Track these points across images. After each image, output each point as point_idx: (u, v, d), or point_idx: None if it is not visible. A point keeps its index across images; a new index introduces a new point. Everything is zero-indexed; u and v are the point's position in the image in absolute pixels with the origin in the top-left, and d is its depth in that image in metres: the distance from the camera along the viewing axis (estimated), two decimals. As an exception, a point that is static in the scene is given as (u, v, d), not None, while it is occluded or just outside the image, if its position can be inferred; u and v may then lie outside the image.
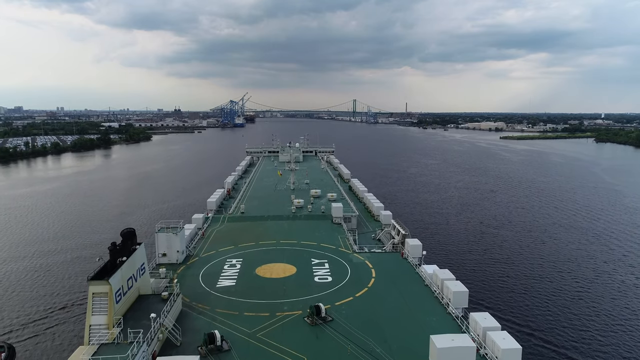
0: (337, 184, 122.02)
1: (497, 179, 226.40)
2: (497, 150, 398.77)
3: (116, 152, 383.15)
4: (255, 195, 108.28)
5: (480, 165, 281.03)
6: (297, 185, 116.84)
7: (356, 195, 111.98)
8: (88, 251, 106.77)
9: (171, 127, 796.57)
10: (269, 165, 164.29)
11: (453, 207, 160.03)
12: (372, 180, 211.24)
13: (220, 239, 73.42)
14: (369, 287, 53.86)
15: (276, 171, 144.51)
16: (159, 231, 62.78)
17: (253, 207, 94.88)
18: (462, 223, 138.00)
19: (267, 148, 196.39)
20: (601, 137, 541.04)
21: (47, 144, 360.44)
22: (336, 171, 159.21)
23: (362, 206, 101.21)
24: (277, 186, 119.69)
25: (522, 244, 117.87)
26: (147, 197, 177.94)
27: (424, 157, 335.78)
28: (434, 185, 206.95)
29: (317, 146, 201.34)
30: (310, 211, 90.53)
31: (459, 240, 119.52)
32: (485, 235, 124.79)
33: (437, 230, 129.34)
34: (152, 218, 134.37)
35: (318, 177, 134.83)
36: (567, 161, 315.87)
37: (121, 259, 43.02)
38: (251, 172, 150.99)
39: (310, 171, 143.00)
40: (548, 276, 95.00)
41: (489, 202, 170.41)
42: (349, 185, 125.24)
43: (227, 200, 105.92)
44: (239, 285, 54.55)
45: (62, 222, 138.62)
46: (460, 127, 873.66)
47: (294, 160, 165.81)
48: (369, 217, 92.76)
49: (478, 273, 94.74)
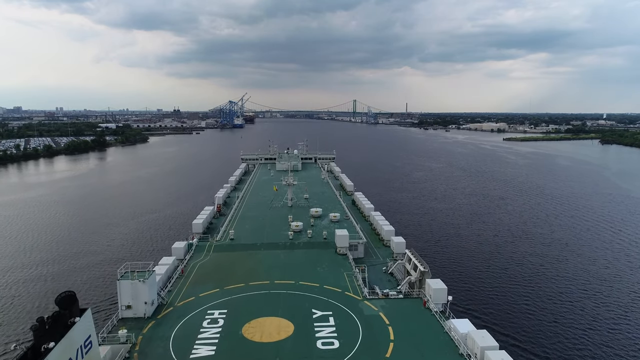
0: (339, 199, 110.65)
1: (505, 185, 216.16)
2: (502, 153, 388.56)
3: (111, 155, 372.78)
4: (247, 215, 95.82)
5: (486, 170, 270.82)
6: (295, 202, 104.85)
7: (361, 213, 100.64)
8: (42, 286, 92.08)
9: (169, 128, 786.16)
10: (265, 175, 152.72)
11: (463, 218, 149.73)
12: (375, 185, 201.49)
13: (203, 277, 60.77)
14: (387, 358, 42.15)
15: (272, 181, 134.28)
16: (123, 277, 49.87)
17: (244, 232, 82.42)
18: (474, 237, 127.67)
19: (264, 155, 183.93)
20: (606, 138, 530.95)
21: (39, 147, 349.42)
22: (337, 181, 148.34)
23: (369, 226, 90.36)
24: (272, 202, 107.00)
25: (553, 269, 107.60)
26: (133, 206, 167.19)
27: (428, 160, 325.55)
28: (441, 192, 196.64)
29: (316, 153, 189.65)
30: (311, 237, 78.30)
31: (476, 264, 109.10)
32: (503, 256, 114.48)
33: (448, 249, 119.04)
34: (130, 238, 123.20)
35: (318, 190, 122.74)
36: (575, 164, 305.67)
37: (47, 346, 29.87)
38: (246, 182, 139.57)
39: (309, 182, 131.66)
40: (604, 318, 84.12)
41: (501, 211, 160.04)
42: (352, 199, 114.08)
43: (216, 219, 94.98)
44: (219, 354, 42.51)
45: (34, 240, 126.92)
46: (461, 127, 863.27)
47: (292, 169, 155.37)
48: (376, 240, 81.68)
49: (504, 314, 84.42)
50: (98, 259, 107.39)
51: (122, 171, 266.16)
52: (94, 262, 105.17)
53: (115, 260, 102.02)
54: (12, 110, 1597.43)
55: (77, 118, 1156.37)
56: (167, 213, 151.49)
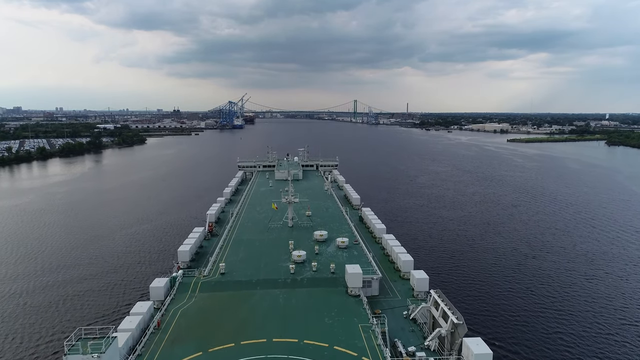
0: (345, 216, 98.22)
1: (516, 190, 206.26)
2: (508, 155, 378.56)
3: (106, 157, 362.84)
4: (242, 239, 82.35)
5: (494, 174, 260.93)
6: (296, 221, 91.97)
7: (371, 233, 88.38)
8: None
9: (168, 128, 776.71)
10: (263, 185, 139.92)
11: (475, 228, 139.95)
12: (379, 191, 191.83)
13: (184, 333, 47.95)
14: None
15: (271, 193, 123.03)
16: (71, 351, 37.52)
17: (237, 264, 68.53)
18: (490, 251, 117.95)
19: (262, 162, 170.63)
20: (613, 140, 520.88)
21: (32, 150, 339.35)
22: (341, 191, 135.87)
23: (380, 250, 78.27)
24: (270, 222, 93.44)
25: (586, 290, 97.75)
26: (119, 217, 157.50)
27: (432, 163, 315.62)
28: (449, 199, 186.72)
29: (318, 159, 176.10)
30: (315, 271, 65.17)
31: (497, 289, 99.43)
32: (526, 275, 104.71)
33: (462, 267, 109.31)
34: (105, 267, 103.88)
35: (322, 205, 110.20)
36: (585, 168, 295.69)
37: None
38: (242, 193, 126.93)
39: (311, 194, 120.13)
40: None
41: (516, 221, 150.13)
42: (360, 215, 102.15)
43: (208, 240, 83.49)
44: None
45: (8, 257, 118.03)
46: (463, 128, 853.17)
47: (293, 178, 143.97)
48: (391, 271, 68.85)
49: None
50: (55, 311, 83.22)
51: (115, 175, 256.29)
52: (48, 307, 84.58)
53: (76, 309, 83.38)
54: (11, 110, 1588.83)
55: (76, 118, 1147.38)
56: (152, 231, 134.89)
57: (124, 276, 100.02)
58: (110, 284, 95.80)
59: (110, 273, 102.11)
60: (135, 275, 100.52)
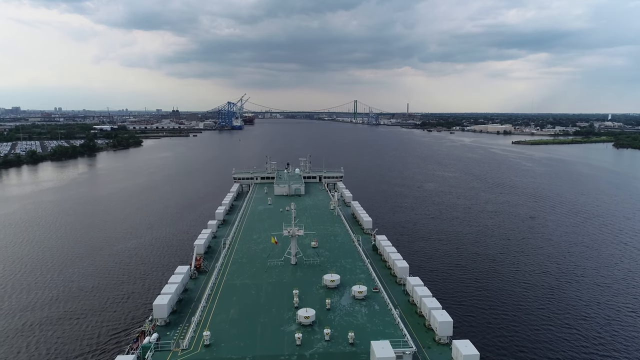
0: (358, 247, 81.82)
1: (530, 199, 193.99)
2: (515, 158, 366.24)
3: (100, 161, 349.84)
4: (234, 284, 66.05)
5: (505, 180, 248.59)
6: (301, 257, 74.80)
7: (389, 269, 71.98)
8: None
9: (166, 129, 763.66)
10: (261, 202, 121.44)
11: (495, 246, 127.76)
12: (386, 200, 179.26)
13: None
14: None
15: (269, 213, 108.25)
16: None
17: (227, 328, 52.97)
18: (515, 275, 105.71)
19: (259, 173, 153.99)
20: (620, 142, 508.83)
21: (22, 153, 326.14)
22: (348, 207, 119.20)
23: (403, 295, 62.98)
24: (269, 258, 76.39)
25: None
26: (102, 231, 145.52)
27: (439, 167, 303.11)
28: (461, 210, 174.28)
29: (322, 170, 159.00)
30: (329, 340, 49.49)
31: (525, 324, 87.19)
32: (562, 302, 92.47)
33: (487, 297, 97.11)
34: (64, 322, 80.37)
35: (329, 232, 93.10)
36: (598, 173, 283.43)
37: None
38: (237, 212, 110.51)
39: (316, 216, 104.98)
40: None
41: (537, 236, 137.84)
42: (374, 243, 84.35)
43: (194, 281, 67.96)
44: None
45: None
46: (466, 129, 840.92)
47: (294, 193, 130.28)
48: (420, 328, 53.39)
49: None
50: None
51: (105, 182, 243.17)
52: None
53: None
54: (10, 110, 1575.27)
55: (74, 119, 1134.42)
56: (128, 267, 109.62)
57: (82, 345, 74.42)
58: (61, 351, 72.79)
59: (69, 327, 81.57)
60: (98, 343, 75.16)
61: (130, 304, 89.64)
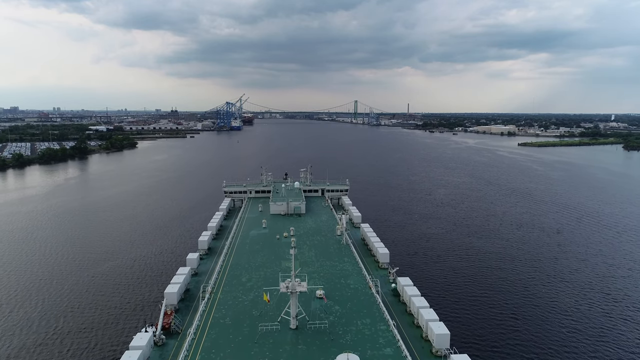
0: (377, 297, 61.33)
1: (552, 209, 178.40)
2: (524, 162, 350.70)
3: (92, 165, 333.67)
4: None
5: (518, 185, 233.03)
6: (303, 317, 54.64)
7: (420, 329, 54.14)
8: None
9: (163, 130, 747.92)
10: (255, 225, 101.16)
11: (524, 265, 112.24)
12: (394, 211, 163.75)
13: None
14: None
15: (264, 240, 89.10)
16: None
17: None
18: (558, 302, 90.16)
19: (254, 186, 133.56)
20: (630, 144, 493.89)
21: (7, 157, 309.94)
22: (357, 229, 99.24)
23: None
24: (261, 323, 54.05)
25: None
26: (81, 250, 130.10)
27: (447, 171, 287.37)
28: (479, 221, 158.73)
29: (324, 183, 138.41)
30: None
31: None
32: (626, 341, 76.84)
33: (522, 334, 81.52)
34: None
35: (338, 273, 71.37)
36: (618, 179, 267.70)
37: None
38: (226, 237, 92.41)
39: (321, 246, 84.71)
40: None
41: (571, 256, 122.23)
42: (394, 286, 66.33)
43: (159, 348, 50.01)
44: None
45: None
46: (469, 130, 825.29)
47: (293, 212, 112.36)
48: None
49: None
50: None
51: (92, 189, 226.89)
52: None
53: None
54: (8, 110, 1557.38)
55: (71, 119, 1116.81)
56: (103, 279, 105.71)
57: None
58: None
59: None
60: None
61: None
